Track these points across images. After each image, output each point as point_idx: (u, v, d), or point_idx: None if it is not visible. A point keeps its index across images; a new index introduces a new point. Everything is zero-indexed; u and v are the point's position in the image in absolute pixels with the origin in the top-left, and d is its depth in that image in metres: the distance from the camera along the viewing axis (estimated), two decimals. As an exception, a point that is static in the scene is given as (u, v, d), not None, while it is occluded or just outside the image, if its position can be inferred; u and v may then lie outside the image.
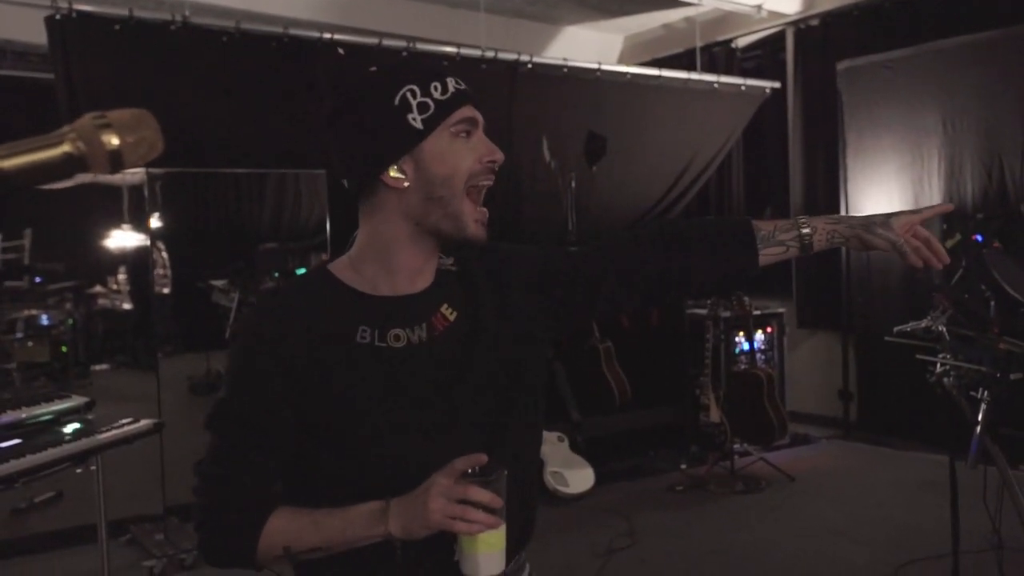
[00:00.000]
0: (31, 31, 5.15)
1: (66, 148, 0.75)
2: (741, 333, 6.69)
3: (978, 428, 3.51)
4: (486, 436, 1.35)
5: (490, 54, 6.03)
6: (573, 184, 6.34)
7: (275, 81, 5.41)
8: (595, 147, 6.32)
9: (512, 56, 6.14)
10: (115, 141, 0.77)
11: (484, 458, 1.25)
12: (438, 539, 1.24)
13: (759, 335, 6.80)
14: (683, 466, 6.15)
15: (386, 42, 5.66)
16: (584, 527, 5.06)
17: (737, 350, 6.69)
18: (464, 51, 5.96)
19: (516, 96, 6.18)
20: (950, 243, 4.89)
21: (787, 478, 5.93)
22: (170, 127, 0.84)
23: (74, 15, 4.51)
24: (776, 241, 1.53)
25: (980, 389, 3.57)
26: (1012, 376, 3.51)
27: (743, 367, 6.60)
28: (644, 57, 8.27)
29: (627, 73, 6.85)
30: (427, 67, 1.44)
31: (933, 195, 6.59)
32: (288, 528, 1.32)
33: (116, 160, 0.79)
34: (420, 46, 5.78)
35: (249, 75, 5.33)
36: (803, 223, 1.53)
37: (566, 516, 5.22)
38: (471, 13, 7.30)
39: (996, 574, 3.87)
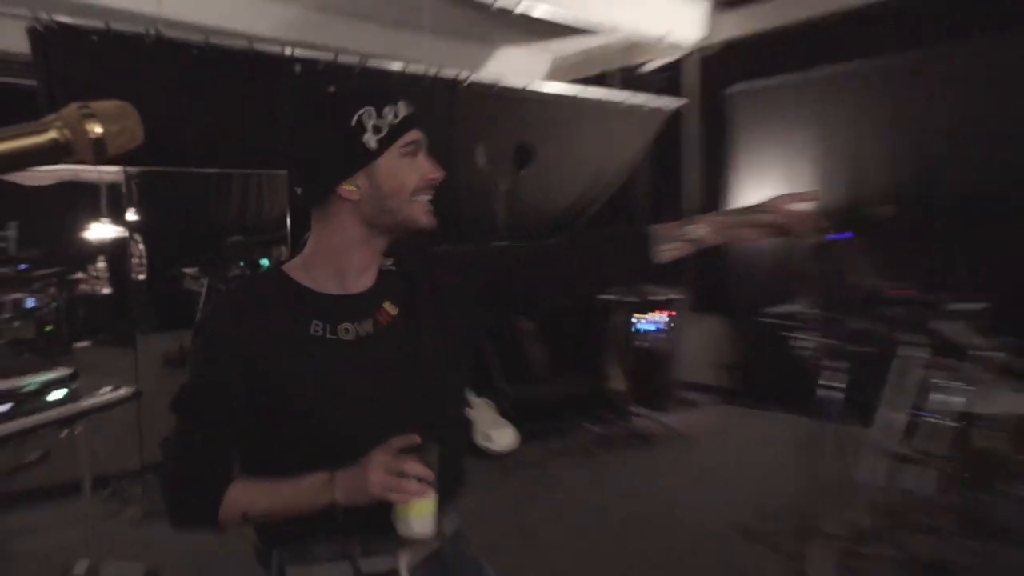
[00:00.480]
0: (11, 40, 5.04)
1: (52, 135, 0.76)
2: (644, 316, 6.84)
3: (831, 392, 3.67)
4: (423, 414, 1.36)
5: (433, 71, 6.02)
6: (504, 186, 6.41)
7: (241, 90, 5.32)
8: (523, 155, 6.39)
9: (452, 73, 6.16)
10: (98, 129, 0.78)
11: (418, 439, 1.26)
12: (376, 503, 1.25)
13: (659, 317, 6.94)
14: (593, 427, 6.26)
15: (341, 58, 5.62)
16: (508, 478, 5.15)
17: (640, 329, 6.83)
18: (410, 68, 5.95)
19: (455, 108, 6.21)
20: (815, 240, 5.05)
21: (679, 436, 6.11)
22: (145, 129, 0.87)
23: (55, 27, 4.40)
24: (673, 239, 1.54)
25: (835, 360, 3.72)
26: (862, 349, 3.68)
27: (645, 344, 6.76)
28: (568, 77, 8.31)
29: (550, 93, 6.89)
30: (381, 91, 1.38)
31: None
32: (246, 498, 1.33)
33: (99, 148, 0.79)
34: (371, 63, 5.75)
35: (217, 84, 5.25)
36: (696, 220, 1.56)
37: (493, 469, 5.30)
38: (417, 34, 7.27)
39: (844, 515, 4.00)
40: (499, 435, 5.60)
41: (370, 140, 1.31)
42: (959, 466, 3.73)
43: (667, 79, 8.02)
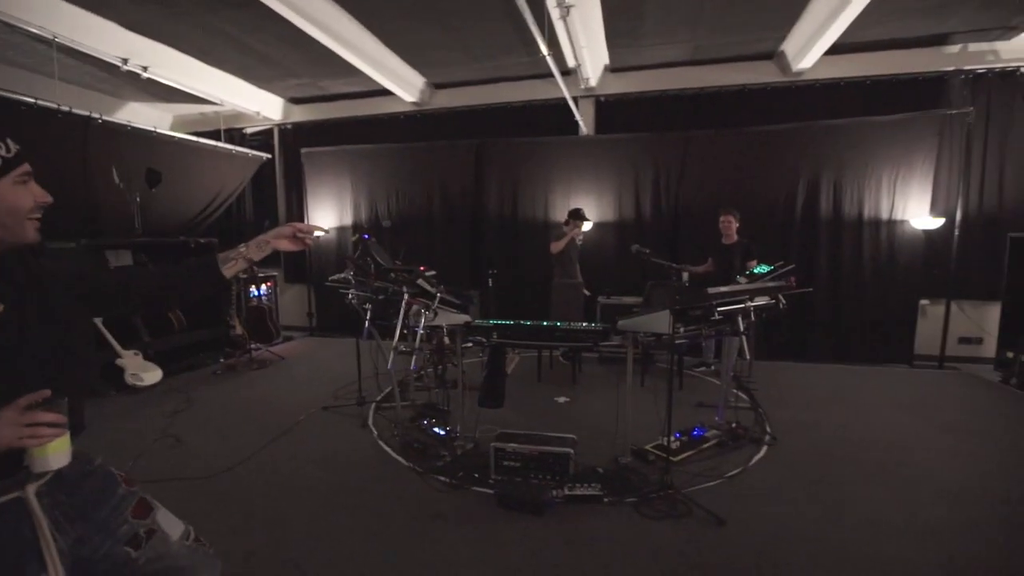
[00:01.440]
0: None
1: None
2: (254, 286, 6.24)
3: (368, 323, 3.64)
4: (45, 381, 1.02)
5: (65, 108, 4.52)
6: (138, 198, 5.19)
7: None
8: (153, 178, 5.25)
9: (85, 113, 4.70)
10: None
11: (48, 392, 0.97)
12: (5, 452, 0.95)
13: (264, 287, 6.42)
14: (222, 360, 5.53)
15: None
16: (156, 402, 4.29)
17: (253, 294, 6.22)
18: (41, 103, 4.36)
19: (89, 140, 4.76)
20: (354, 239, 5.17)
21: (281, 359, 5.74)
22: None
23: None
24: (232, 259, 1.32)
25: (368, 305, 3.59)
26: (380, 296, 3.62)
27: (256, 303, 6.19)
28: (187, 130, 7.03)
29: (175, 136, 5.76)
30: None
31: (347, 219, 6.84)
32: None
33: None
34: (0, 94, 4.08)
35: None
36: (243, 246, 1.33)
37: (147, 400, 4.37)
38: (47, 79, 5.39)
39: (381, 387, 4.25)
40: (147, 375, 4.61)
41: None
42: (432, 352, 4.20)
43: (263, 139, 7.34)
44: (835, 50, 4.96)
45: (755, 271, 4.00)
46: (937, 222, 5.14)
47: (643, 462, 3.09)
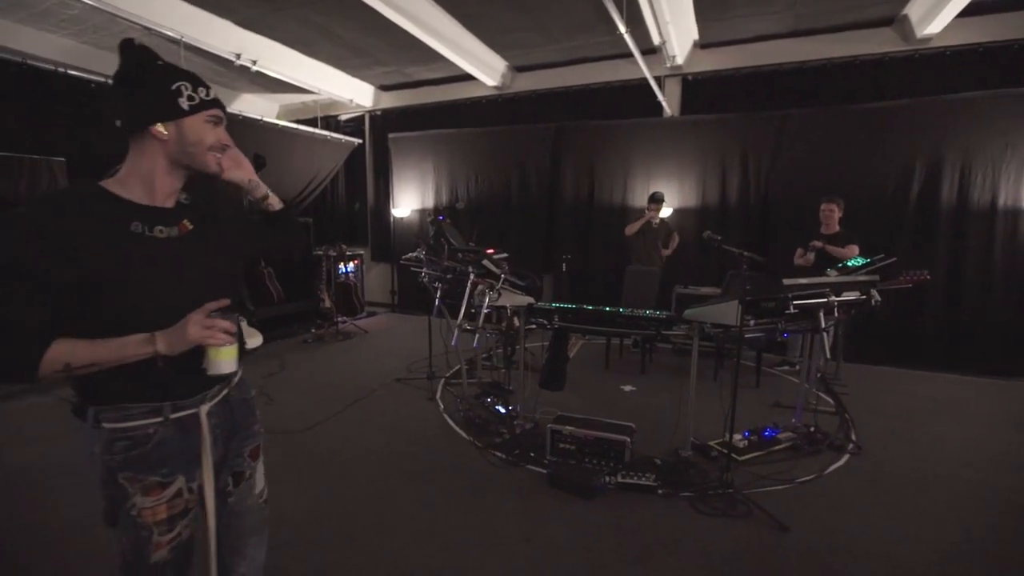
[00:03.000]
0: None
1: None
2: (343, 262, 6.70)
3: (437, 300, 3.79)
4: (218, 294, 1.17)
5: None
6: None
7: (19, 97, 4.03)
8: (259, 162, 5.70)
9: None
10: None
11: (227, 301, 1.12)
12: (189, 355, 1.10)
13: (351, 264, 6.88)
14: (312, 330, 6.03)
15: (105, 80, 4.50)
16: (255, 364, 4.80)
17: (341, 271, 6.69)
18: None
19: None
20: (430, 219, 5.37)
21: (365, 332, 6.10)
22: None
23: None
24: (263, 201, 1.48)
25: (438, 283, 3.76)
26: (449, 276, 3.64)
27: (343, 280, 6.66)
28: (291, 118, 7.64)
29: (278, 124, 6.30)
30: (197, 75, 1.20)
31: (429, 201, 7.11)
32: (68, 351, 1.03)
33: None
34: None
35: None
36: (245, 201, 1.46)
37: (246, 360, 4.87)
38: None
39: (447, 363, 4.46)
40: (251, 339, 5.10)
41: (184, 103, 1.16)
42: (499, 331, 4.28)
43: (355, 126, 7.79)
44: (971, 10, 4.31)
45: (850, 263, 3.66)
46: (1096, 213, 4.35)
47: (704, 457, 2.98)
